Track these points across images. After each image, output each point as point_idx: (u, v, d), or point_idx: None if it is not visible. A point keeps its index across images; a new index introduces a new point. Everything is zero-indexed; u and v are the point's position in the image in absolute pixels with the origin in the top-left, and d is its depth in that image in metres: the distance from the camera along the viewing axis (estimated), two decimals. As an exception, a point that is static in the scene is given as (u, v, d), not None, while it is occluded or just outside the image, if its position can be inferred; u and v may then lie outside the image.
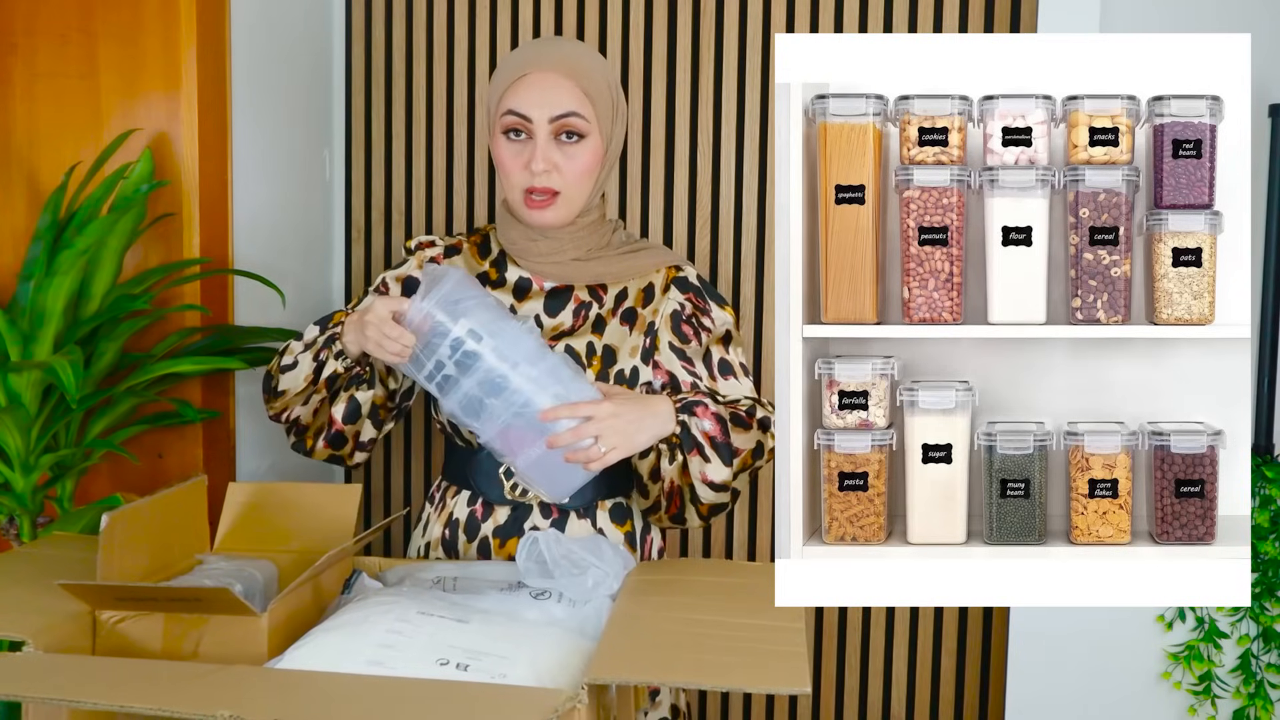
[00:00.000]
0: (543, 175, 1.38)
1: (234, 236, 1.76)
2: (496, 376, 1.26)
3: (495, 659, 1.05)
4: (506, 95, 1.39)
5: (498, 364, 1.26)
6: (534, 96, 1.37)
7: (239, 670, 1.00)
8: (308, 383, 1.38)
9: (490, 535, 1.44)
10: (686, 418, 1.35)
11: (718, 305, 1.48)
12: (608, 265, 1.47)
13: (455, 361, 1.26)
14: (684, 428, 1.34)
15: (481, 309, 1.27)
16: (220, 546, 1.37)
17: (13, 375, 1.46)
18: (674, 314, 1.46)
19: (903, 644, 2.11)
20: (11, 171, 1.71)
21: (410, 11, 2.14)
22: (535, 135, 1.38)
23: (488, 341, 1.26)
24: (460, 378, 1.27)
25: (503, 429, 1.29)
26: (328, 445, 1.43)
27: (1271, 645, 1.91)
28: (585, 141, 1.40)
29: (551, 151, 1.39)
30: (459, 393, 1.28)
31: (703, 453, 1.35)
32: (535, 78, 1.38)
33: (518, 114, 1.38)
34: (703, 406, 1.36)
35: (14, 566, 1.28)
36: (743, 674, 1.00)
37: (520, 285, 1.47)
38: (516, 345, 1.27)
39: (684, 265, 1.50)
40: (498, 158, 1.42)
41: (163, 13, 1.65)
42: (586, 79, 1.39)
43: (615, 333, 1.45)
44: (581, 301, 1.46)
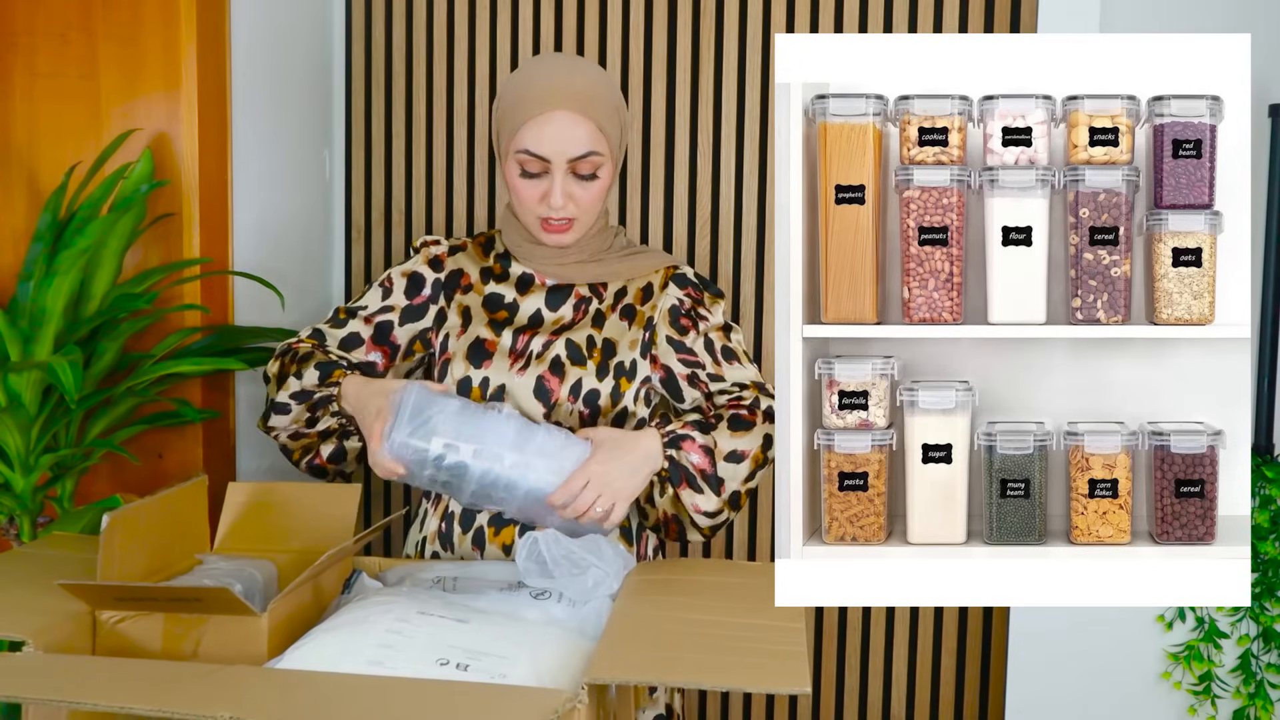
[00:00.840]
0: (560, 208, 1.41)
1: (234, 236, 1.76)
2: (490, 478, 1.31)
3: (495, 659, 1.05)
4: (522, 134, 1.39)
5: (486, 465, 1.30)
6: (550, 140, 1.38)
7: (239, 670, 1.00)
8: (298, 426, 1.44)
9: (485, 524, 1.44)
10: (674, 452, 1.38)
11: (713, 297, 1.52)
12: (609, 266, 1.49)
13: (447, 472, 1.30)
14: (671, 462, 1.38)
15: (450, 418, 1.31)
16: (220, 546, 1.37)
17: (13, 375, 1.46)
18: (672, 309, 1.49)
19: (903, 644, 2.11)
20: (11, 171, 1.71)
21: (410, 11, 2.14)
22: (552, 173, 1.40)
23: (466, 448, 1.30)
24: (458, 482, 1.32)
25: (519, 512, 1.35)
26: (309, 470, 1.49)
27: (1271, 645, 1.91)
28: (600, 172, 1.42)
29: (569, 186, 1.41)
30: (465, 494, 1.33)
31: (693, 484, 1.39)
32: (551, 117, 1.37)
33: (535, 155, 1.39)
34: (689, 440, 1.39)
35: (14, 566, 1.28)
36: (743, 674, 1.00)
37: (523, 280, 1.50)
38: (497, 439, 1.31)
39: (681, 265, 1.53)
40: (512, 186, 1.43)
41: (163, 13, 1.65)
42: (601, 113, 1.40)
43: (614, 327, 1.47)
44: (582, 297, 1.49)
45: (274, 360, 1.48)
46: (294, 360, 1.44)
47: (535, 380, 1.42)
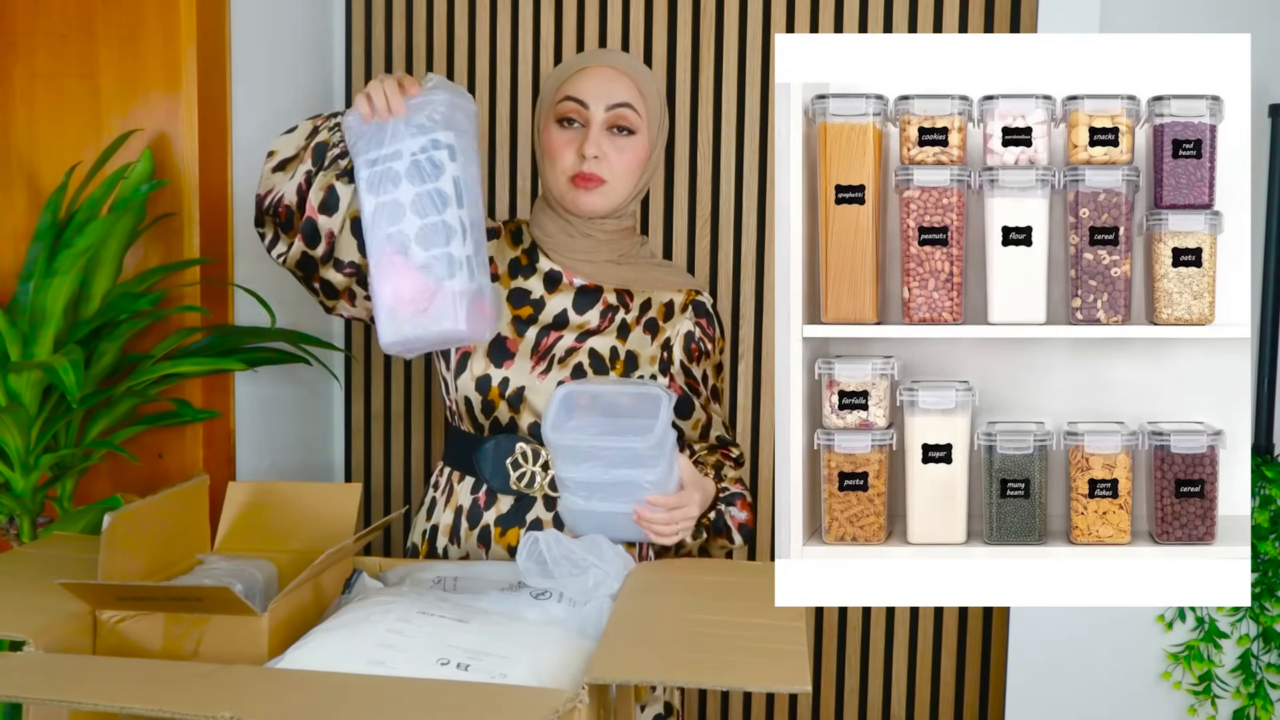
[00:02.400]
0: (593, 161, 1.43)
1: (234, 237, 1.76)
2: (439, 200, 1.24)
3: (496, 659, 1.05)
4: (566, 84, 1.45)
5: (448, 189, 1.24)
6: (593, 86, 1.44)
7: (239, 670, 1.00)
8: (297, 148, 1.35)
9: (492, 524, 1.44)
10: (724, 508, 1.45)
11: (719, 335, 1.56)
12: (638, 272, 1.51)
13: (413, 161, 1.24)
14: (719, 515, 1.44)
15: (470, 149, 1.27)
16: (220, 546, 1.37)
17: (13, 375, 1.46)
18: (688, 334, 1.50)
19: (903, 644, 2.11)
20: (11, 171, 1.71)
21: (410, 11, 2.14)
22: (590, 124, 1.44)
23: (452, 167, 1.24)
24: (402, 184, 1.23)
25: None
26: (303, 240, 1.33)
27: (1271, 645, 1.91)
28: (635, 137, 1.45)
29: (603, 140, 1.44)
30: (387, 206, 1.25)
31: (729, 537, 1.46)
32: (595, 70, 1.45)
33: (575, 99, 1.44)
34: (743, 500, 1.48)
35: (14, 566, 1.28)
36: (743, 673, 1.00)
37: (551, 276, 1.49)
38: (471, 193, 1.27)
39: (703, 292, 1.55)
40: (547, 144, 1.46)
41: (163, 13, 1.65)
42: (642, 79, 1.47)
43: (638, 340, 1.48)
44: (609, 304, 1.48)
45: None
46: None
47: (556, 386, 1.42)
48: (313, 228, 1.33)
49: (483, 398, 1.43)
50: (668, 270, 1.55)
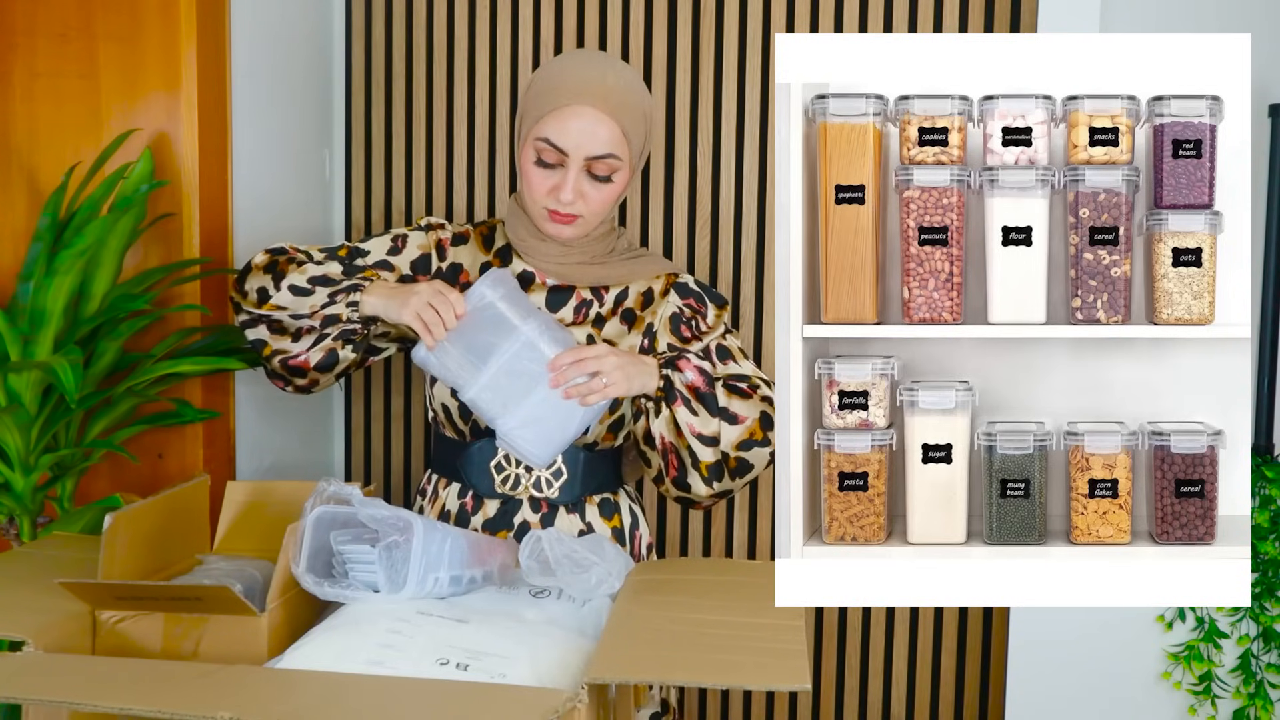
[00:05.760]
0: (568, 205, 1.40)
1: (234, 236, 1.76)
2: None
3: (495, 659, 1.05)
4: (545, 122, 1.38)
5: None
6: (572, 133, 1.37)
7: (239, 670, 1.00)
8: (310, 311, 1.38)
9: (479, 528, 1.44)
10: (670, 371, 1.38)
11: (716, 306, 1.50)
12: (611, 269, 1.49)
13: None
14: (667, 381, 1.37)
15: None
16: (220, 546, 1.37)
17: (13, 375, 1.46)
18: (673, 317, 1.48)
19: (903, 644, 2.11)
20: (11, 171, 1.71)
21: (410, 11, 2.14)
22: (568, 167, 1.38)
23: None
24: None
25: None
26: (283, 367, 1.42)
27: (1271, 645, 1.91)
28: (615, 176, 1.41)
29: (581, 184, 1.40)
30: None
31: (689, 405, 1.37)
32: (577, 111, 1.36)
33: (554, 146, 1.37)
34: (685, 359, 1.39)
35: (14, 566, 1.28)
36: (743, 672, 1.00)
37: (524, 277, 1.48)
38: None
39: (682, 273, 1.52)
40: (525, 172, 1.42)
41: (163, 13, 1.65)
42: (627, 118, 1.38)
43: (614, 329, 1.47)
44: (583, 299, 1.48)
45: (263, 253, 1.43)
46: (289, 261, 1.41)
47: None
48: (300, 371, 1.42)
49: (459, 403, 1.42)
50: (641, 261, 1.51)
